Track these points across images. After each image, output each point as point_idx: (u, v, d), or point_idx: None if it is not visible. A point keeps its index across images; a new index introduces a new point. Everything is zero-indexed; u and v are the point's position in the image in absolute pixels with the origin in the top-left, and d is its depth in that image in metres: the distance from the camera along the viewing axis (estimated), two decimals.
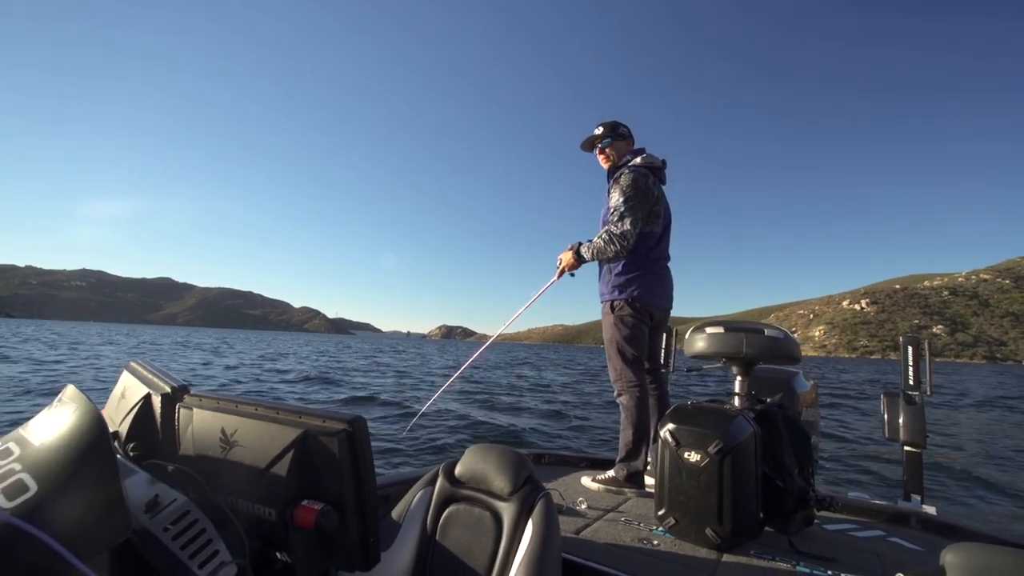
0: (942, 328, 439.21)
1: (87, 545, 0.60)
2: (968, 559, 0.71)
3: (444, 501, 1.41)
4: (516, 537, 1.25)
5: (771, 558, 1.67)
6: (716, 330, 2.12)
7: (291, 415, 0.85)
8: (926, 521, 2.14)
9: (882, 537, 1.98)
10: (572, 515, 1.97)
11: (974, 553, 0.72)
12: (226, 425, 0.87)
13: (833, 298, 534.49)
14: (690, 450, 1.76)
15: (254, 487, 0.82)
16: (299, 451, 0.80)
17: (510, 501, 1.31)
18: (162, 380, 1.00)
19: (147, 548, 0.70)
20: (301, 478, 0.81)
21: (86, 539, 0.60)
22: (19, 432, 0.70)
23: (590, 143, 2.68)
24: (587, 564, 1.51)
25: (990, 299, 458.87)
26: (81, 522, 0.61)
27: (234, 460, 0.85)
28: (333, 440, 0.79)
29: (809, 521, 1.95)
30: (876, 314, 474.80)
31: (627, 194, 2.37)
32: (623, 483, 2.33)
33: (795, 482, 1.90)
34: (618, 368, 2.42)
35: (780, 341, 2.03)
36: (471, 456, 1.45)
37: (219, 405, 0.91)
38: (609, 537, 1.77)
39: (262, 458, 0.82)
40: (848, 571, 1.60)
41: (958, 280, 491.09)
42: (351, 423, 0.80)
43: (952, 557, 0.72)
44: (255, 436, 0.84)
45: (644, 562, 1.58)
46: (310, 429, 0.81)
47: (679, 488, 1.78)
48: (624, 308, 2.43)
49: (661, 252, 2.54)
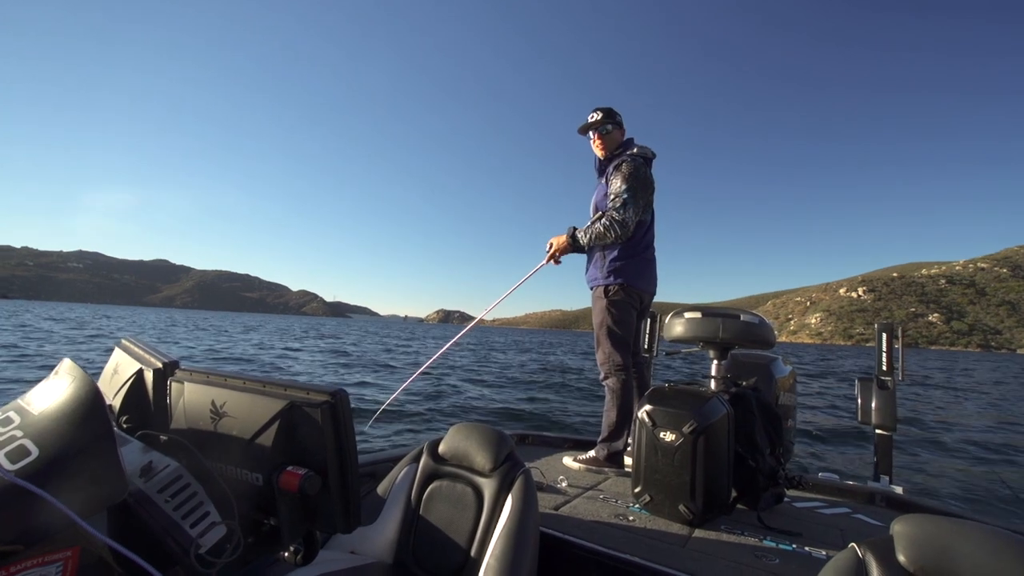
0: (938, 316, 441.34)
1: (87, 504, 0.66)
2: (914, 528, 0.78)
3: (428, 477, 1.49)
4: (496, 511, 1.32)
5: (740, 532, 1.76)
6: (694, 315, 2.19)
7: (277, 387, 0.90)
8: (890, 499, 2.23)
9: (847, 514, 2.07)
10: (552, 492, 2.04)
11: (919, 523, 0.79)
12: (216, 397, 0.92)
13: (830, 285, 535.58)
14: (666, 430, 1.83)
15: (243, 455, 0.87)
16: (285, 421, 0.85)
17: (491, 477, 1.38)
18: (154, 356, 1.06)
19: (143, 508, 0.76)
20: (286, 446, 0.86)
21: (86, 499, 0.66)
22: (18, 402, 0.75)
23: (588, 127, 2.67)
24: (564, 538, 1.58)
25: (987, 287, 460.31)
26: (81, 483, 0.66)
27: (224, 430, 0.90)
28: (316, 410, 0.84)
29: (779, 499, 2.04)
30: (873, 302, 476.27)
31: (630, 182, 2.40)
32: (603, 463, 2.41)
33: (766, 461, 1.99)
34: (607, 351, 2.47)
35: (755, 326, 2.10)
36: (454, 434, 1.52)
37: (209, 379, 0.96)
38: (587, 513, 1.84)
39: (250, 428, 0.87)
40: (811, 544, 1.68)
41: (956, 268, 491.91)
42: (333, 395, 0.86)
43: (900, 527, 0.80)
44: (243, 407, 0.89)
45: (618, 536, 1.65)
46: (295, 400, 0.86)
47: (654, 466, 1.86)
48: (618, 293, 2.48)
49: (650, 240, 2.61)
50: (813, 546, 1.66)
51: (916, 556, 0.76)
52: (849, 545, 0.83)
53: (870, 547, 0.80)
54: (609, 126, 2.62)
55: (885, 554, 0.78)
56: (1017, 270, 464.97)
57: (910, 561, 0.76)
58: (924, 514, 0.82)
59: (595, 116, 2.64)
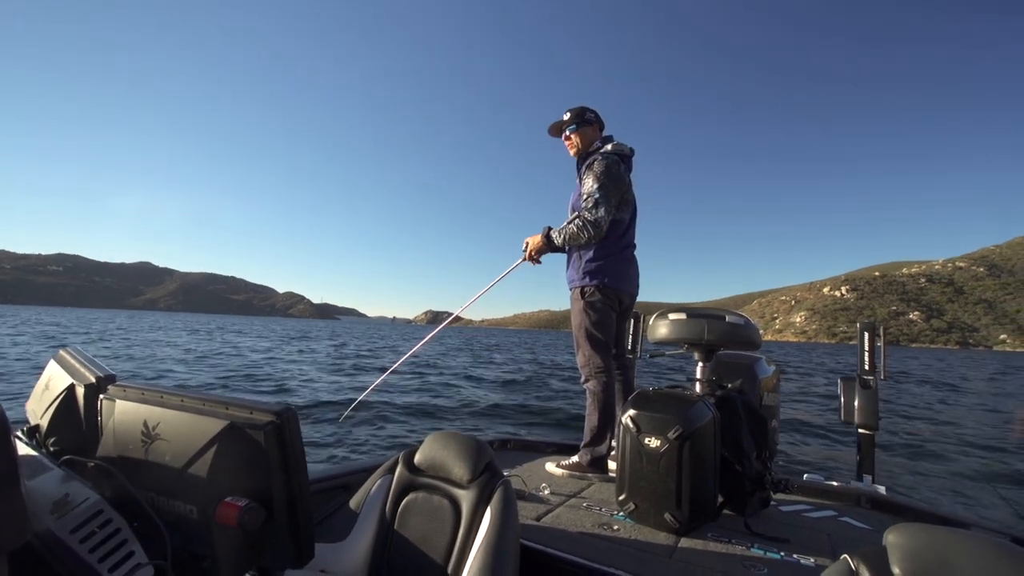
0: (918, 314, 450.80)
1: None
2: (908, 539, 0.74)
3: (403, 489, 1.40)
4: (474, 524, 1.25)
5: (727, 540, 1.70)
6: (678, 316, 2.13)
7: (217, 406, 0.81)
8: (875, 500, 2.21)
9: (834, 517, 2.03)
10: (534, 501, 1.97)
11: (913, 533, 0.74)
12: (149, 417, 0.83)
13: (815, 284, 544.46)
14: (650, 436, 1.77)
15: (176, 483, 0.79)
16: (224, 444, 0.77)
17: (469, 488, 1.31)
18: (88, 370, 0.96)
19: (51, 552, 0.67)
20: (226, 473, 0.77)
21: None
22: None
23: (557, 128, 2.65)
24: (546, 551, 1.51)
25: (964, 286, 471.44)
26: None
27: (155, 454, 0.81)
28: (260, 432, 0.75)
29: (765, 503, 1.99)
30: (855, 300, 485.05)
31: (601, 181, 2.35)
32: (587, 468, 2.34)
33: (753, 466, 1.94)
34: (587, 354, 2.42)
35: (741, 327, 2.05)
36: (431, 443, 1.44)
37: (144, 396, 0.87)
38: (570, 523, 1.77)
39: (184, 452, 0.78)
40: (799, 551, 1.63)
41: (935, 268, 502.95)
42: (279, 414, 0.77)
43: (894, 538, 0.75)
44: (178, 429, 0.81)
45: (602, 547, 1.59)
46: (236, 421, 0.77)
47: (639, 473, 1.79)
48: (594, 294, 2.43)
49: (629, 239, 2.55)
50: (801, 553, 1.62)
51: (911, 569, 0.71)
52: (841, 557, 0.78)
53: (863, 559, 0.75)
54: (574, 125, 2.58)
55: (879, 566, 0.73)
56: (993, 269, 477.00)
57: (905, 573, 0.71)
58: (918, 524, 0.77)
59: (564, 117, 2.62)
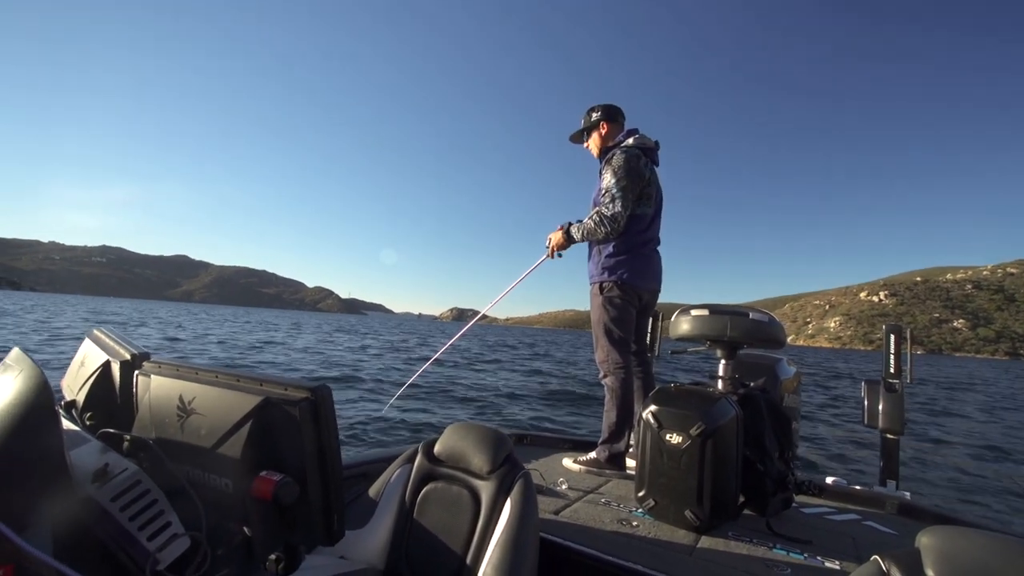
0: (963, 322, 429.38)
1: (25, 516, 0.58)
2: (943, 541, 0.71)
3: (422, 479, 1.41)
4: (494, 516, 1.25)
5: (748, 540, 1.68)
6: (701, 312, 2.10)
7: (252, 382, 0.81)
8: (900, 505, 2.14)
9: (857, 521, 1.98)
10: (552, 496, 1.98)
11: (948, 536, 0.72)
12: (184, 392, 0.84)
13: (851, 289, 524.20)
14: (672, 432, 1.75)
15: (211, 457, 0.79)
16: (259, 419, 0.76)
17: (489, 480, 1.31)
18: (122, 347, 0.99)
19: (93, 518, 0.68)
20: (261, 448, 0.76)
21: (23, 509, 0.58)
22: None
23: (578, 135, 2.70)
24: (565, 544, 1.51)
25: (1016, 293, 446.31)
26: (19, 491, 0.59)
27: (191, 429, 0.81)
28: (295, 408, 0.75)
29: (787, 504, 1.95)
30: (895, 306, 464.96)
31: (618, 175, 2.35)
32: (604, 465, 2.34)
33: (775, 465, 1.90)
34: (605, 349, 2.41)
35: (764, 324, 2.01)
36: (451, 434, 1.45)
37: (179, 372, 0.88)
38: (588, 518, 1.77)
39: (220, 427, 0.78)
40: (823, 553, 1.60)
41: (983, 273, 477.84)
42: (314, 391, 0.76)
43: (927, 540, 0.72)
44: (214, 404, 0.81)
45: (621, 543, 1.58)
46: (271, 396, 0.77)
47: (660, 470, 1.78)
48: (613, 290, 2.42)
49: (652, 235, 2.52)
50: (825, 555, 1.59)
51: (947, 571, 0.68)
52: (872, 558, 0.75)
53: (895, 560, 0.72)
54: (586, 133, 2.64)
55: (912, 568, 0.71)
56: None
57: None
58: (954, 526, 0.74)
59: (583, 120, 2.67)
